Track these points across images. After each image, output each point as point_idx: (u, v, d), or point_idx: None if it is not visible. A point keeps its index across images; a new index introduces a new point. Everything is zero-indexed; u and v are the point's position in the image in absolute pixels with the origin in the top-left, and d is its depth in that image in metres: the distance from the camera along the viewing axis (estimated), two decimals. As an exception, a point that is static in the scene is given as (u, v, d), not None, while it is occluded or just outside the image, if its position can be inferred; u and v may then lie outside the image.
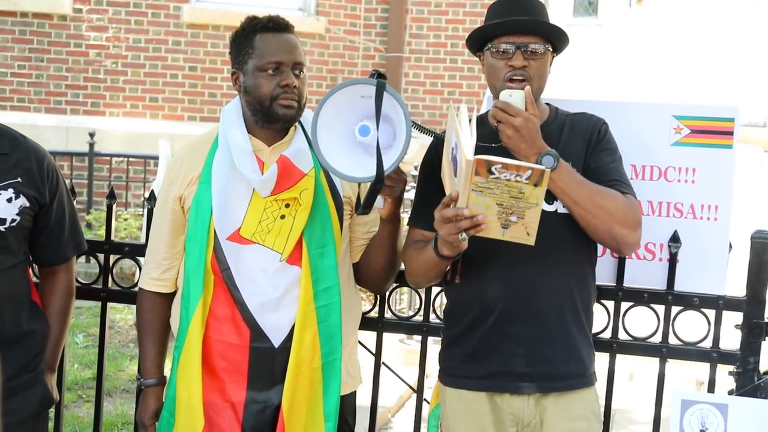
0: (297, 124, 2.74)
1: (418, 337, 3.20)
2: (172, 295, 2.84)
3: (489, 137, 2.58)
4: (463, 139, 2.32)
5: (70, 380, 5.61)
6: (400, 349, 6.17)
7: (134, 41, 9.39)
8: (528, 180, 2.25)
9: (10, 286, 2.72)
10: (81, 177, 9.03)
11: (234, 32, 2.76)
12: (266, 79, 2.65)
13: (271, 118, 2.69)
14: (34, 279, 2.94)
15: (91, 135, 8.85)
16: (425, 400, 3.08)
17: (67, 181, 2.93)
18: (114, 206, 3.20)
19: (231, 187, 2.68)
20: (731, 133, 2.91)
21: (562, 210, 2.56)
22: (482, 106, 3.07)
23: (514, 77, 2.57)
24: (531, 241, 2.36)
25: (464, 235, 2.34)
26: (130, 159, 8.99)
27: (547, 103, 2.76)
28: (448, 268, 2.65)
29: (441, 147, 2.60)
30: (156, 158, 7.76)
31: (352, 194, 2.78)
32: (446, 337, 2.74)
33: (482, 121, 2.65)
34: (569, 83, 10.33)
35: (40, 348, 2.83)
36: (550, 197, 2.54)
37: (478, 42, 2.68)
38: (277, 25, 2.69)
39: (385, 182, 2.50)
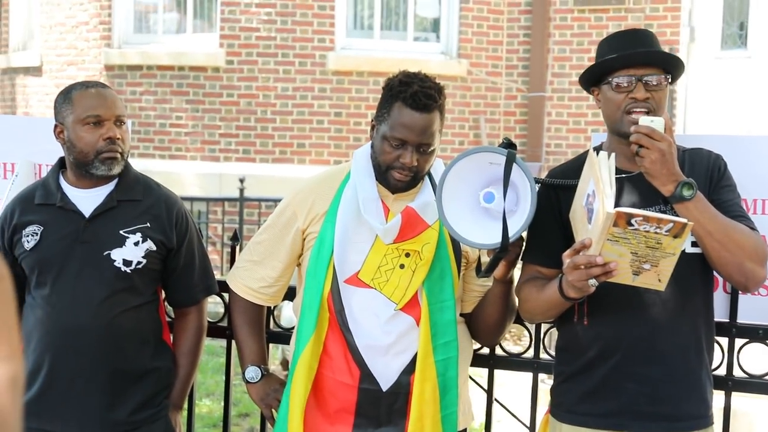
0: (426, 175, 2.78)
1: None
2: None
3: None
4: (604, 189, 2.32)
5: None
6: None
7: (282, 89, 9.69)
8: (668, 232, 2.24)
9: (135, 324, 2.86)
10: (233, 222, 9.36)
11: (386, 82, 2.74)
12: (389, 150, 2.68)
13: (382, 182, 2.75)
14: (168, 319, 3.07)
15: (242, 181, 9.18)
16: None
17: (219, 226, 3.05)
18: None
19: (355, 230, 2.73)
20: None
21: (690, 250, 2.53)
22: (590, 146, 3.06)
23: (636, 109, 2.54)
24: (662, 287, 2.36)
25: (594, 281, 2.35)
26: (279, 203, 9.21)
27: None
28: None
29: (561, 187, 2.61)
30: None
31: (469, 250, 2.79)
32: (561, 374, 2.72)
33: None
34: (718, 116, 10.05)
35: (165, 385, 2.94)
36: None
37: (594, 77, 2.64)
38: (417, 104, 2.64)
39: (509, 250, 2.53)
